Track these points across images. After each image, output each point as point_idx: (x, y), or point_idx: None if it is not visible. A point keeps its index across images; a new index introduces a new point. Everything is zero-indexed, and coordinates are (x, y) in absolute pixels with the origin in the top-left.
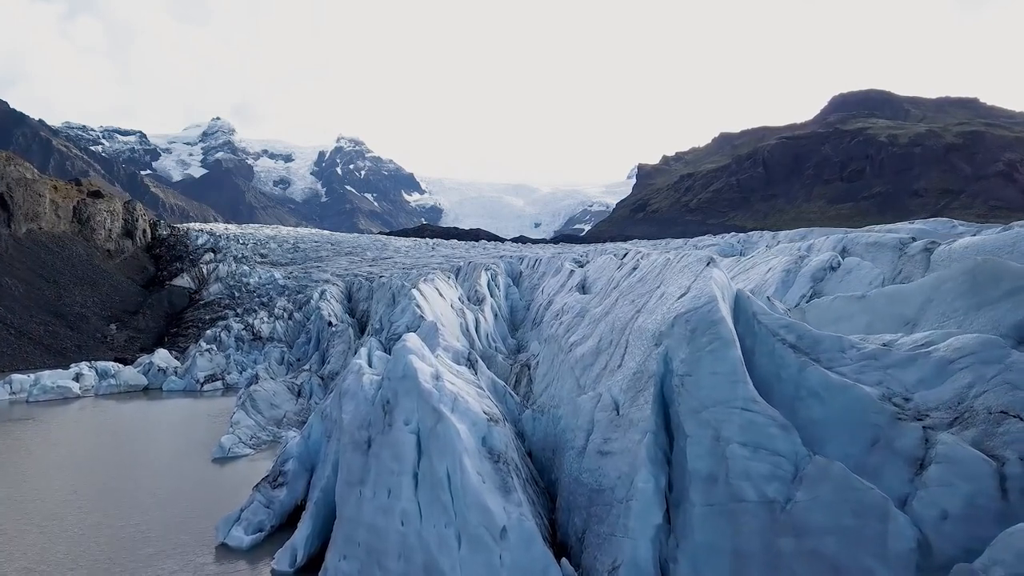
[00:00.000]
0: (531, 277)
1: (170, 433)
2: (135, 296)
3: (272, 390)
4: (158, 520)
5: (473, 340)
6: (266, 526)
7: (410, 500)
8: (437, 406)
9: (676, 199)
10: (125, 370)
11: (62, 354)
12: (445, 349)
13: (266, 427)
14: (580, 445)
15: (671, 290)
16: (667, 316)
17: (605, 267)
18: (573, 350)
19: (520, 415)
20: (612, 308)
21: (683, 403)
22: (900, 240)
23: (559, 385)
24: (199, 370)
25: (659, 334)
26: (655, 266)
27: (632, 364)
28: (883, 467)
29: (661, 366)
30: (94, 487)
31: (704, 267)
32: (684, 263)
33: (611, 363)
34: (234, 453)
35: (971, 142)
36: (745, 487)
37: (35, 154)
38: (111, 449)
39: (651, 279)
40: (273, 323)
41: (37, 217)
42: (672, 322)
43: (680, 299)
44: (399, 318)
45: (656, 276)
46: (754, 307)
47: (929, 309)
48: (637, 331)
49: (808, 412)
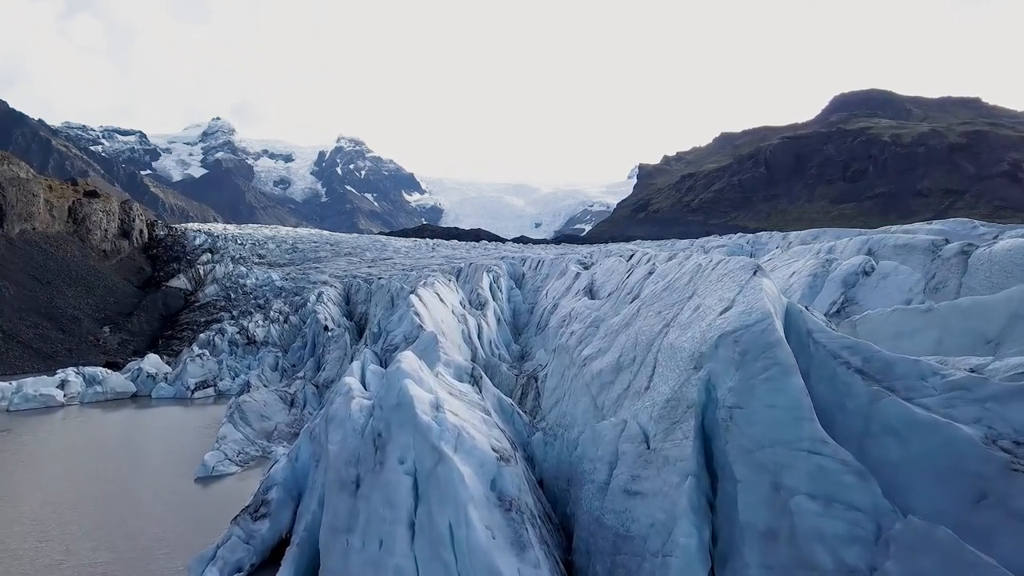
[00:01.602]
0: (534, 279)
1: (153, 447)
2: (130, 298)
3: (263, 400)
4: (124, 558)
5: (476, 348)
6: (245, 565)
7: (405, 555)
8: (437, 444)
9: (677, 199)
10: (112, 377)
11: (52, 358)
12: (446, 364)
13: (255, 441)
14: (601, 480)
15: (709, 302)
16: (708, 334)
17: (614, 270)
18: (588, 365)
19: (530, 437)
20: (633, 319)
21: (732, 441)
22: (933, 242)
23: (571, 403)
24: (190, 376)
25: (698, 355)
26: (683, 272)
27: (664, 389)
28: (995, 532)
29: (702, 394)
30: (60, 515)
31: (750, 276)
32: (723, 270)
33: (635, 384)
34: (219, 472)
35: (975, 142)
36: (817, 550)
37: (35, 154)
38: (86, 467)
39: (680, 287)
40: (268, 327)
41: (31, 217)
42: (716, 342)
43: (724, 314)
44: (396, 326)
45: (687, 284)
46: (809, 323)
47: (1018, 326)
48: (668, 349)
49: (882, 453)
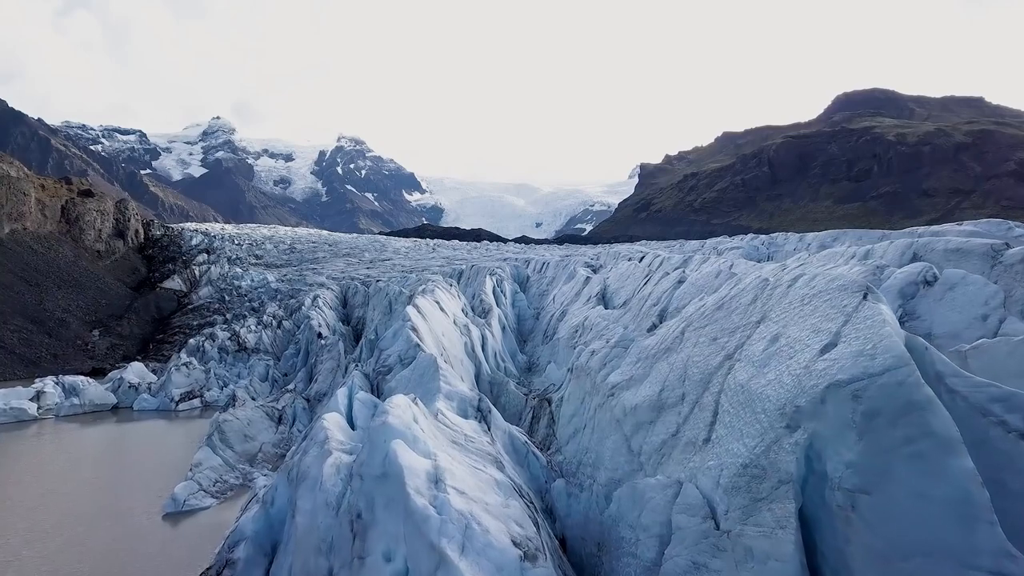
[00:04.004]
0: (539, 282)
1: (123, 470)
2: (124, 300)
3: (246, 419)
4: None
5: (480, 362)
6: None
7: None
8: (437, 541)
9: (680, 199)
10: (91, 388)
11: (35, 364)
12: (448, 396)
13: (236, 466)
14: (649, 558)
15: (796, 333)
16: (804, 380)
17: (628, 275)
18: (617, 395)
19: (547, 482)
20: (677, 344)
21: (855, 540)
22: (992, 247)
23: (595, 437)
24: (174, 387)
25: (792, 409)
26: (743, 289)
27: (738, 448)
28: None
29: (802, 466)
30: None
31: (860, 300)
32: (807, 289)
33: (687, 431)
34: (191, 506)
35: (981, 141)
36: None
37: (34, 153)
38: (41, 499)
39: (741, 308)
40: (260, 332)
41: (22, 217)
42: (823, 394)
43: (827, 354)
44: (391, 344)
45: (751, 305)
46: (938, 364)
47: None
48: (737, 392)
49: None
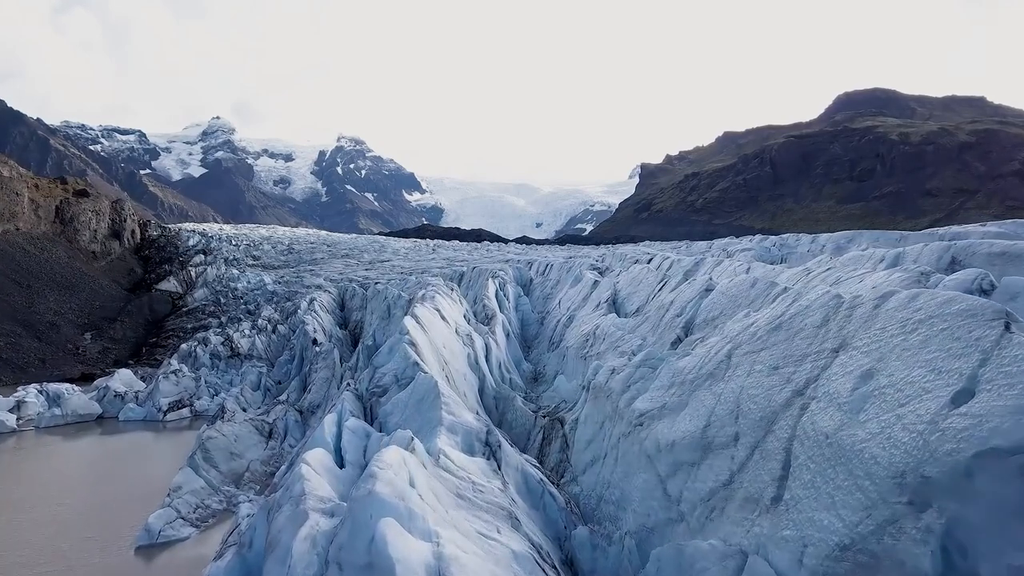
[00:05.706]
0: (543, 285)
1: (98, 492)
2: (118, 302)
3: (233, 434)
4: None
5: (484, 375)
6: None
7: None
8: None
9: (681, 199)
10: (74, 397)
11: (23, 369)
12: (451, 429)
13: (220, 488)
14: None
15: (903, 371)
16: (931, 439)
17: (641, 280)
18: (648, 426)
19: (566, 527)
20: (724, 371)
21: None
22: None
23: (619, 470)
24: (162, 396)
25: (917, 478)
26: (812, 306)
27: (829, 520)
28: None
29: (939, 561)
30: None
31: (1002, 332)
32: (915, 311)
33: (747, 482)
34: (166, 537)
35: (985, 140)
36: None
37: (32, 153)
38: (4, 527)
39: (808, 330)
40: (254, 337)
41: (14, 217)
42: (968, 464)
43: (964, 405)
44: (387, 360)
45: (822, 327)
46: None
47: None
48: (820, 441)
49: None
